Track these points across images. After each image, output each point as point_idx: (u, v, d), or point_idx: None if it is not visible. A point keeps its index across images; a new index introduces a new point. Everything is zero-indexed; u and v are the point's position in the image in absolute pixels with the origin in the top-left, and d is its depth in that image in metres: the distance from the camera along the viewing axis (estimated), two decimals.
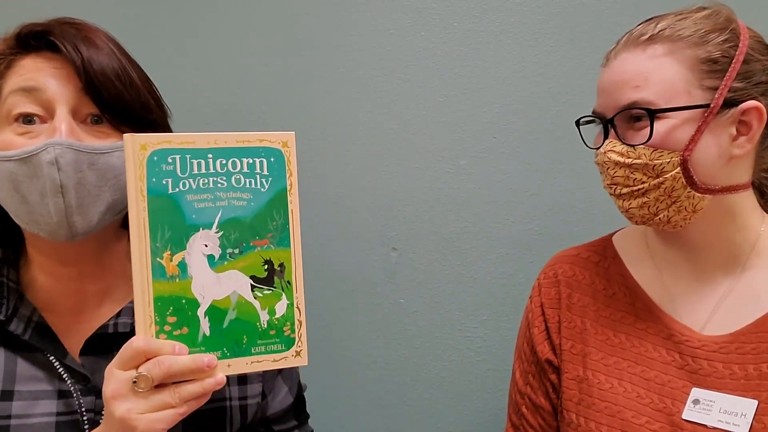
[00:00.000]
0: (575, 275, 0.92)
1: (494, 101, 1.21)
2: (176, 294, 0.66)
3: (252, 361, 0.69)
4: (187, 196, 0.67)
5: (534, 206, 1.22)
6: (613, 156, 0.79)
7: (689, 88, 0.76)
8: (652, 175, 0.77)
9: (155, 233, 0.65)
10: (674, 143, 0.76)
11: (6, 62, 0.73)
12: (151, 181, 0.65)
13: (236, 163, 0.68)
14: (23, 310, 0.74)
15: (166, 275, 0.66)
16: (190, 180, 0.67)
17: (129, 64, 0.75)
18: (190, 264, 0.66)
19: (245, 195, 0.69)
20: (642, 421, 0.79)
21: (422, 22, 1.21)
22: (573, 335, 0.89)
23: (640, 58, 0.77)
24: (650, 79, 0.76)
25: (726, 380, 0.77)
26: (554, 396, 0.90)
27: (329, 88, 1.23)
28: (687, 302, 0.83)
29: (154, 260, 0.65)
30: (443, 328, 1.24)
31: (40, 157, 0.67)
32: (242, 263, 0.69)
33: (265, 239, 0.69)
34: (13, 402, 0.71)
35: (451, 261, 1.23)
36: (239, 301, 0.68)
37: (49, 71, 0.71)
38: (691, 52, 0.76)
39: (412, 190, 1.23)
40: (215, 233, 0.67)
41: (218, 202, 0.68)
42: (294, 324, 0.70)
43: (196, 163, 0.67)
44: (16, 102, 0.70)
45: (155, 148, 0.66)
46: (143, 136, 0.66)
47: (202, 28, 1.23)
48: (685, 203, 0.78)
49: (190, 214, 0.67)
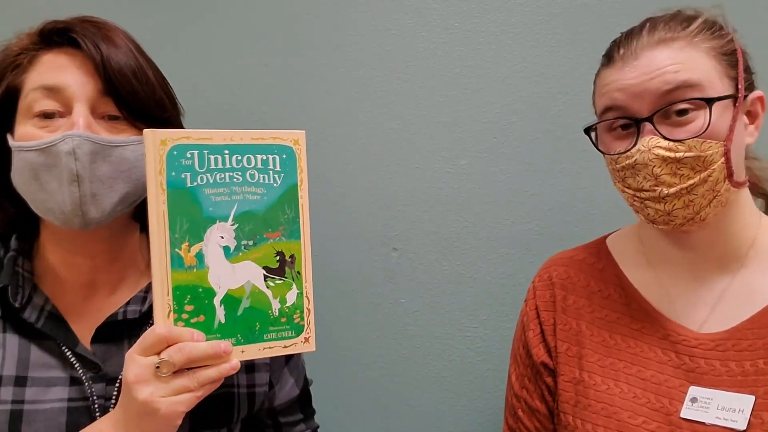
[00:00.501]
0: (570, 277, 0.92)
1: (494, 101, 1.21)
2: (193, 283, 0.69)
3: (264, 347, 0.72)
4: (205, 190, 0.70)
5: (534, 206, 1.22)
6: (659, 152, 0.74)
7: (720, 77, 0.76)
8: (700, 169, 0.75)
9: (174, 225, 0.68)
10: (718, 133, 0.75)
11: (29, 57, 0.76)
12: (170, 175, 0.68)
13: (251, 159, 0.72)
14: (36, 299, 0.77)
15: (184, 265, 0.69)
16: (208, 174, 0.70)
17: (146, 63, 0.78)
18: (207, 255, 0.69)
19: (259, 189, 0.72)
20: (639, 422, 0.79)
21: (423, 23, 1.21)
22: (568, 337, 0.89)
23: (669, 52, 0.76)
24: (688, 66, 0.75)
25: (723, 377, 0.77)
26: (550, 399, 0.90)
27: (329, 88, 1.23)
28: (684, 302, 0.83)
29: (173, 251, 0.68)
30: (443, 328, 1.24)
31: (59, 147, 0.71)
32: (256, 254, 0.72)
33: (277, 231, 0.73)
34: (26, 388, 0.74)
35: (451, 261, 1.23)
36: (253, 290, 0.72)
37: (70, 69, 0.74)
38: (712, 45, 0.77)
39: (412, 190, 1.23)
40: (231, 225, 0.71)
41: (234, 196, 0.71)
42: (303, 312, 0.74)
43: (213, 158, 0.70)
44: (38, 99, 0.73)
45: (175, 143, 0.68)
46: (163, 132, 0.69)
47: (202, 28, 1.24)
48: (722, 198, 0.77)
49: (208, 207, 0.70)
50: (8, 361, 0.74)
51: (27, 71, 0.75)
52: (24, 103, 0.74)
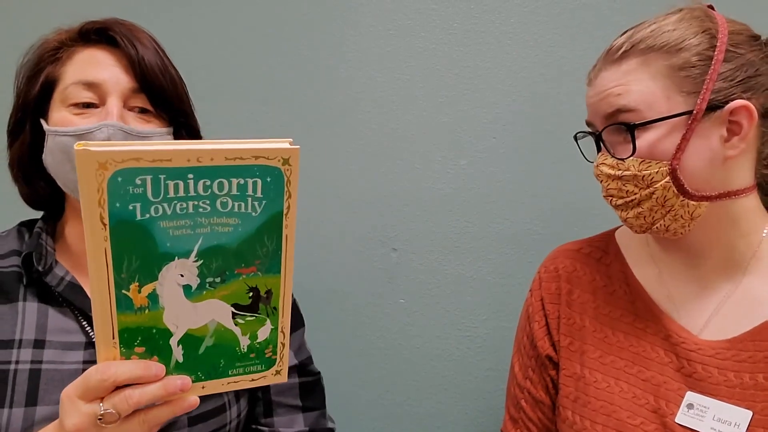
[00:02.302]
0: (576, 271, 0.91)
1: (494, 101, 1.21)
2: (145, 324, 0.59)
3: (228, 382, 0.65)
4: (161, 223, 0.57)
5: (534, 206, 1.22)
6: (604, 169, 0.80)
7: (669, 96, 0.75)
8: (642, 186, 0.77)
9: (120, 264, 0.57)
10: (661, 153, 0.75)
11: (68, 52, 0.82)
12: (114, 206, 0.55)
13: (223, 185, 0.58)
14: (57, 270, 0.82)
15: (133, 307, 0.59)
16: (165, 204, 0.57)
17: (168, 62, 0.86)
18: (162, 295, 0.59)
19: (232, 220, 0.60)
20: (637, 422, 0.79)
21: (422, 23, 1.21)
22: (571, 332, 0.88)
23: (617, 74, 0.78)
24: (630, 89, 0.76)
25: (720, 386, 0.76)
26: (554, 391, 0.90)
27: (329, 88, 1.23)
28: (686, 304, 0.82)
29: (119, 292, 0.58)
30: (443, 328, 1.24)
31: (95, 135, 0.78)
32: (224, 292, 0.61)
33: (252, 267, 0.62)
34: (44, 350, 0.78)
35: (451, 261, 1.23)
36: (218, 328, 0.63)
37: (107, 65, 0.81)
38: (666, 62, 0.75)
39: (412, 190, 1.23)
40: (194, 262, 0.59)
41: (198, 229, 0.59)
42: (276, 346, 0.65)
43: (172, 184, 0.57)
44: (77, 92, 0.80)
45: (119, 167, 0.55)
46: (103, 152, 0.55)
47: (202, 28, 1.24)
48: (680, 211, 0.77)
49: (164, 242, 0.58)
50: (27, 326, 0.79)
51: (65, 64, 0.82)
52: (62, 94, 0.81)
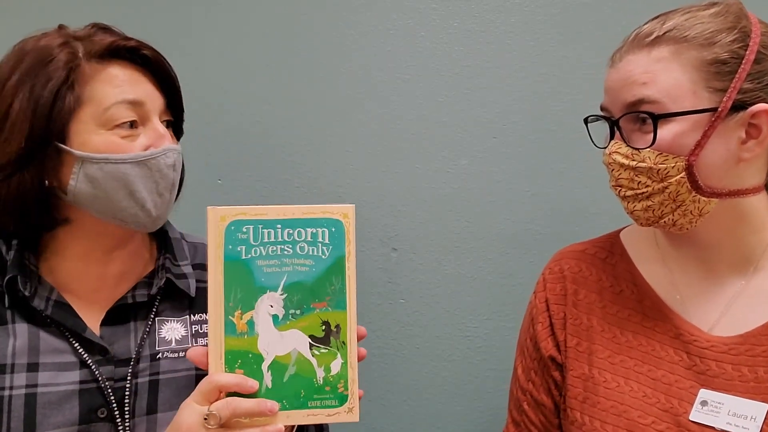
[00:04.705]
0: (581, 271, 0.91)
1: (494, 101, 1.21)
2: (244, 349, 0.74)
3: (309, 414, 0.75)
4: (258, 262, 0.74)
5: (534, 206, 1.22)
6: (617, 158, 0.78)
7: (696, 90, 0.74)
8: (656, 179, 0.76)
9: (229, 294, 0.74)
10: (680, 148, 0.74)
11: (91, 69, 0.78)
12: (227, 248, 0.74)
13: (301, 233, 0.76)
14: (42, 291, 0.81)
15: (236, 332, 0.74)
16: (261, 247, 0.75)
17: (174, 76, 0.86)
18: (257, 322, 0.74)
19: (308, 261, 0.75)
20: (648, 421, 0.78)
21: (422, 23, 1.21)
22: (579, 332, 0.88)
23: (646, 60, 0.76)
24: (657, 79, 0.75)
25: (735, 382, 0.76)
26: (556, 393, 0.90)
27: (329, 88, 1.22)
28: (696, 302, 0.82)
29: (227, 318, 0.73)
30: (443, 328, 1.24)
31: (160, 160, 0.79)
32: (302, 323, 0.75)
33: (323, 302, 0.76)
34: (39, 373, 0.78)
35: (451, 261, 1.23)
36: (299, 358, 0.75)
37: (143, 83, 0.81)
38: (698, 54, 0.74)
39: (412, 190, 1.23)
40: (280, 295, 0.75)
41: (284, 268, 0.75)
42: (348, 382, 0.76)
43: (266, 232, 0.75)
44: (121, 112, 0.78)
45: (232, 219, 0.74)
46: (223, 209, 0.75)
47: (202, 28, 1.23)
48: (690, 207, 0.77)
49: (260, 277, 0.74)
50: (19, 349, 0.78)
51: (89, 83, 0.77)
52: (102, 115, 0.77)
